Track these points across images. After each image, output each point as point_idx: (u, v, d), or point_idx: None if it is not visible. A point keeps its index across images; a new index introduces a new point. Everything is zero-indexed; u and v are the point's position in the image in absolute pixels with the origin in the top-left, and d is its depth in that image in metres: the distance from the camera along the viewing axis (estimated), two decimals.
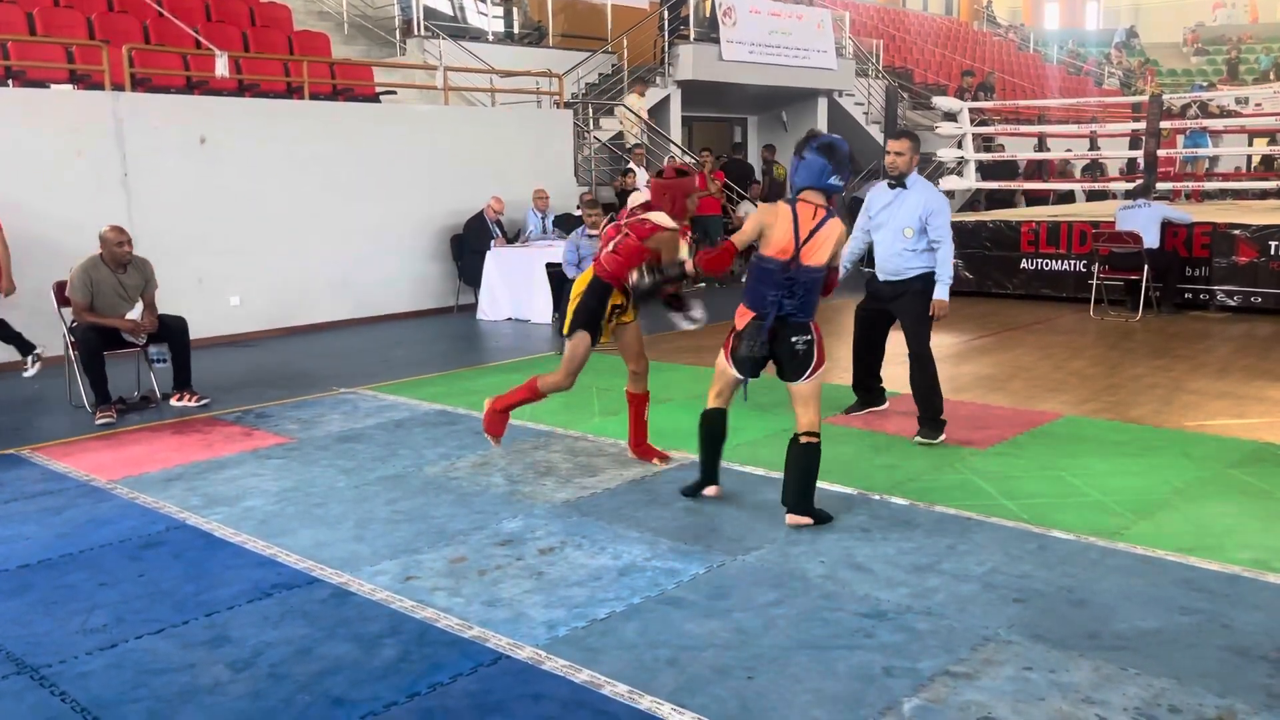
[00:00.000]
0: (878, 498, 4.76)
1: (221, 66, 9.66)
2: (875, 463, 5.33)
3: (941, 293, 5.67)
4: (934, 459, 5.38)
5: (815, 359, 4.31)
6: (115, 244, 6.70)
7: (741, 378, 4.43)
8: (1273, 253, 9.74)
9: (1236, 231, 9.95)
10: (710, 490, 4.72)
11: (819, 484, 4.56)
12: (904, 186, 5.67)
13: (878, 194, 5.86)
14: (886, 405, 6.34)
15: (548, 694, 3.06)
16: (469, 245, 10.98)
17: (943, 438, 5.68)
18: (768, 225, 4.28)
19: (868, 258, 6.25)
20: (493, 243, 10.87)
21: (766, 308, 4.29)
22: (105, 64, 8.96)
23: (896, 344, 6.19)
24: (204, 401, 6.89)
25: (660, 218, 4.97)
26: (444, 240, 11.22)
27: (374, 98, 11.64)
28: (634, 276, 4.68)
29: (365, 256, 10.51)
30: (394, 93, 11.90)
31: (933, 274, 5.66)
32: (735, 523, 4.48)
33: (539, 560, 4.10)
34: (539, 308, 10.33)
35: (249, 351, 9.09)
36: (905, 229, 5.62)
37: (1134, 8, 36.74)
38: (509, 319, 10.62)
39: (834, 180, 4.30)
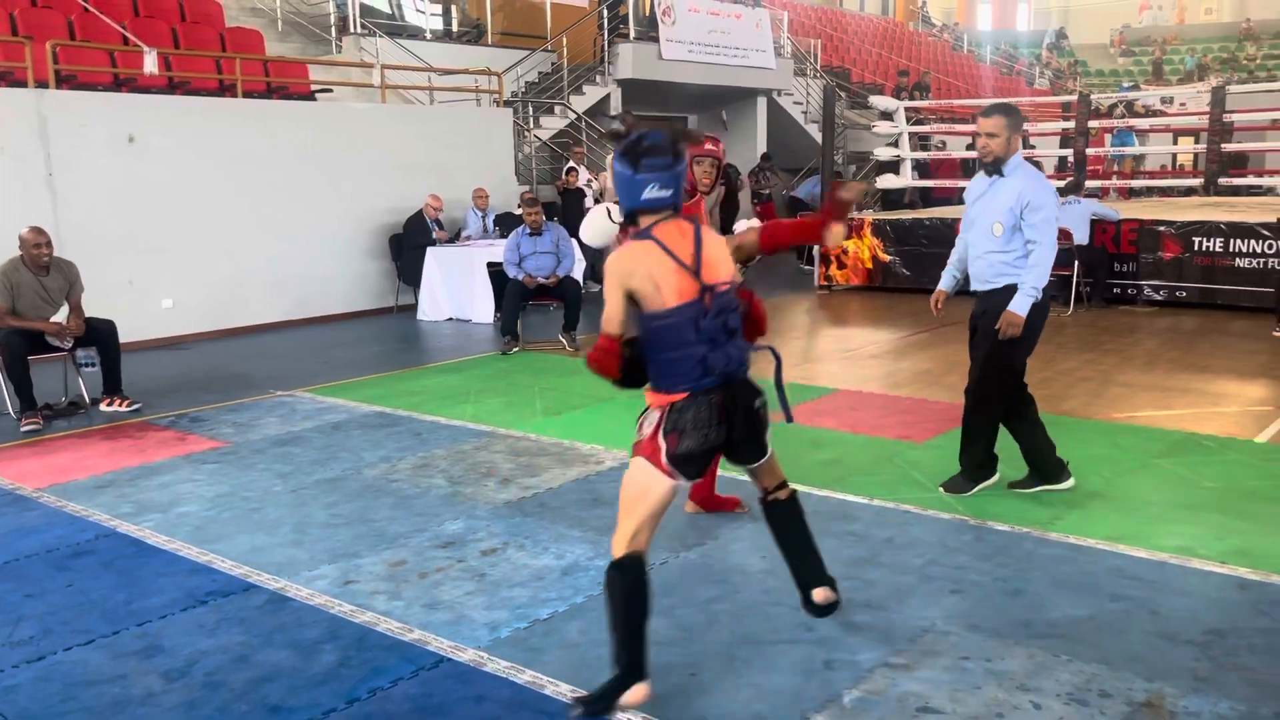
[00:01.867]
0: (818, 493, 4.81)
1: (150, 63, 9.44)
2: (815, 458, 5.38)
3: (1019, 304, 4.45)
4: (873, 454, 5.44)
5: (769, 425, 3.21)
6: (33, 246, 6.50)
7: (685, 482, 3.10)
8: (1197, 248, 10.03)
9: (1162, 228, 10.22)
10: (639, 693, 2.91)
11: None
12: (1001, 174, 4.56)
13: (974, 184, 4.77)
14: (997, 476, 4.86)
15: (490, 695, 3.05)
16: (408, 244, 10.88)
17: (974, 491, 4.71)
18: (638, 277, 2.93)
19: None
20: (434, 235, 10.80)
21: (708, 373, 2.99)
22: (29, 60, 8.71)
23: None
24: (135, 406, 6.73)
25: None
26: (383, 239, 11.10)
27: (309, 96, 11.47)
28: None
29: (302, 256, 10.35)
30: (330, 91, 11.73)
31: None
32: (678, 520, 4.49)
33: (481, 562, 4.07)
34: (480, 307, 10.27)
35: (182, 354, 8.90)
36: (995, 225, 4.54)
37: (1063, 10, 37.54)
38: (450, 319, 10.54)
39: (656, 194, 2.97)
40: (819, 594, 3.34)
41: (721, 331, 2.99)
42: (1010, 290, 4.50)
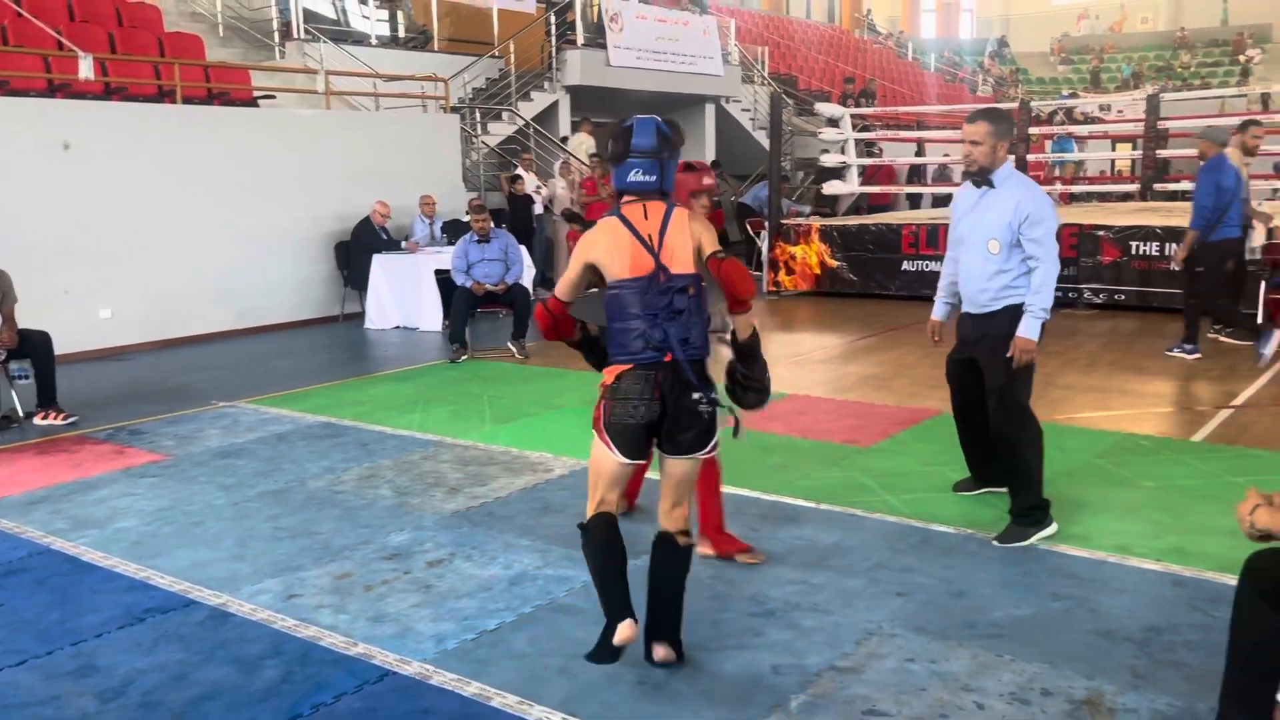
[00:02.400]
0: (767, 497, 4.83)
1: (85, 69, 9.23)
2: (764, 463, 5.40)
3: (1027, 328, 4.11)
4: (821, 458, 5.48)
5: (716, 429, 3.19)
6: None
7: (630, 462, 3.15)
8: (1134, 252, 10.25)
9: (1101, 232, 10.43)
10: (625, 631, 3.08)
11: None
12: (991, 185, 4.23)
13: (961, 196, 4.45)
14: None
15: (436, 709, 3.01)
16: (355, 251, 10.76)
17: (1034, 539, 4.16)
18: (600, 248, 3.15)
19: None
20: (404, 244, 10.74)
21: (646, 346, 3.07)
22: None
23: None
24: (71, 419, 6.57)
25: None
26: (329, 247, 10.97)
27: (252, 102, 11.30)
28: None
29: (246, 265, 10.19)
30: (273, 97, 11.57)
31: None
32: (626, 528, 4.46)
33: (427, 573, 4.03)
34: (428, 315, 10.19)
35: (122, 366, 8.71)
36: (990, 241, 4.19)
37: (1005, 19, 38.22)
38: (397, 327, 10.44)
39: (640, 178, 3.13)
40: (659, 650, 3.20)
41: (665, 309, 3.07)
42: (1011, 312, 4.15)
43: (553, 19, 15.21)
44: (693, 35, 17.06)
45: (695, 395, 3.10)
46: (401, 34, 15.19)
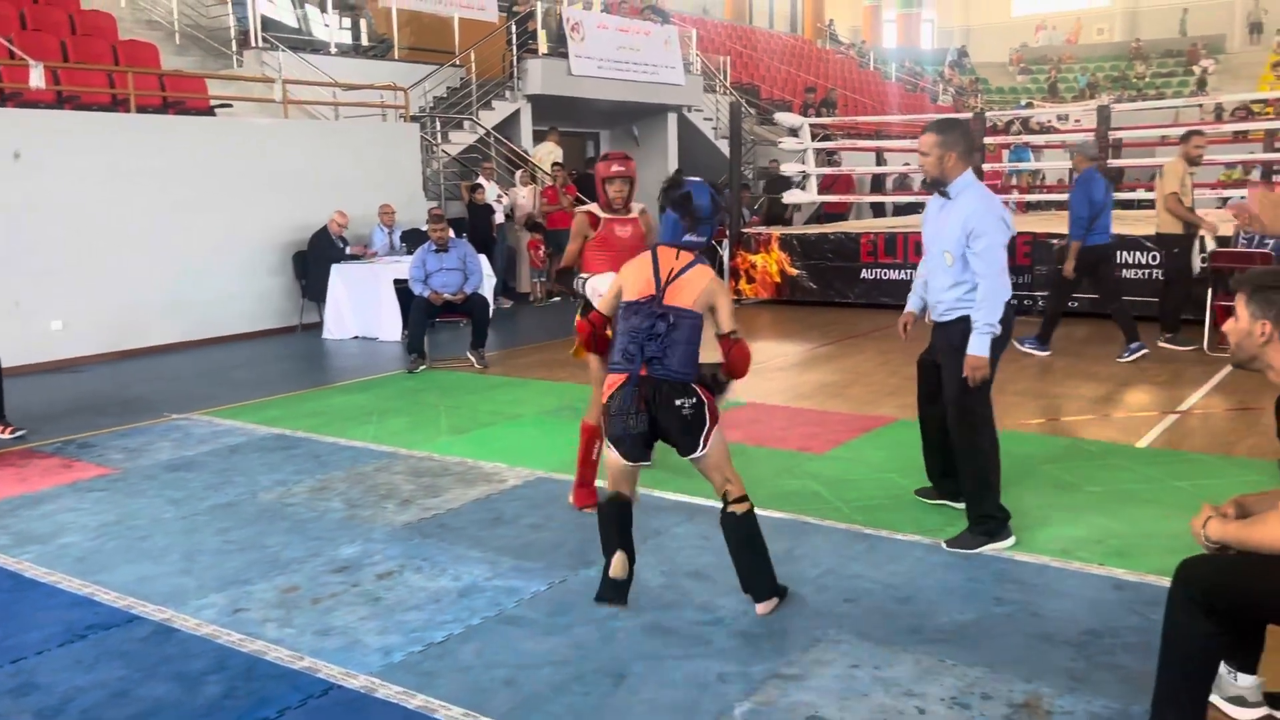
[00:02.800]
0: (719, 505, 4.84)
1: (36, 77, 9.12)
2: None
3: (976, 345, 4.11)
4: (775, 466, 5.51)
5: (708, 420, 3.57)
6: None
7: (634, 464, 3.62)
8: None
9: (1054, 241, 10.57)
10: (616, 562, 3.65)
11: (660, 494, 4.61)
12: (947, 196, 4.26)
13: (930, 205, 4.50)
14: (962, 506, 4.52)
15: None
16: (313, 261, 10.69)
17: (984, 549, 4.21)
18: (626, 273, 3.73)
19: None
20: (350, 249, 10.71)
21: (623, 358, 3.57)
22: None
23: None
24: (19, 433, 6.47)
25: None
26: (287, 257, 10.89)
27: (208, 111, 11.20)
28: None
29: (202, 275, 10.09)
30: (230, 106, 11.48)
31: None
32: (579, 538, 4.49)
33: (376, 585, 4.01)
34: (387, 325, 10.14)
35: (74, 378, 8.59)
36: (945, 253, 4.22)
37: (965, 29, 38.71)
38: (356, 337, 10.38)
39: (690, 238, 3.69)
40: (760, 608, 3.65)
41: (645, 332, 3.57)
42: (963, 324, 4.17)
43: (514, 28, 15.21)
44: (654, 45, 17.12)
45: (677, 402, 3.52)
46: (365, 42, 15.14)
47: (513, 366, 8.67)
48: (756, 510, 4.77)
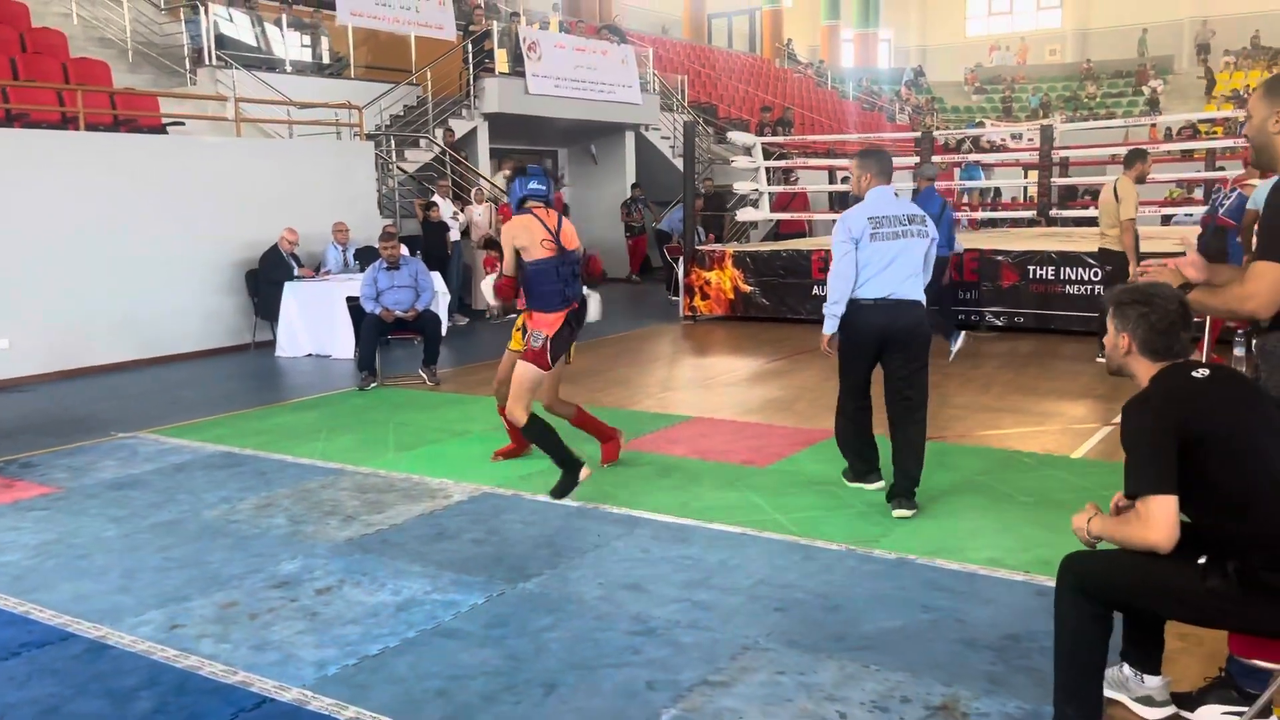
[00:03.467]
0: (662, 519, 4.92)
1: None
2: (661, 484, 5.50)
3: (824, 326, 5.02)
4: (718, 479, 5.59)
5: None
6: None
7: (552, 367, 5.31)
8: (1032, 276, 10.63)
9: (1000, 257, 10.80)
10: (586, 470, 5.22)
11: (605, 508, 4.67)
12: None
13: None
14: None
15: None
16: (265, 279, 10.67)
17: (859, 485, 5.26)
18: (521, 237, 5.15)
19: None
20: (298, 271, 10.69)
21: (565, 302, 5.20)
22: None
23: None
24: None
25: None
26: (239, 275, 10.85)
27: (160, 129, 11.17)
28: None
29: (152, 293, 10.03)
30: (183, 124, 11.45)
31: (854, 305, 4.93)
32: (520, 551, 4.54)
33: (314, 600, 4.03)
34: (340, 343, 10.13)
35: (19, 397, 8.51)
36: None
37: (921, 49, 39.32)
38: (309, 355, 10.36)
39: (534, 187, 5.28)
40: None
41: (566, 277, 5.20)
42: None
43: (470, 47, 15.29)
44: (611, 64, 17.28)
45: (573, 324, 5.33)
46: (319, 61, 15.14)
47: (464, 383, 8.70)
48: (695, 521, 4.90)
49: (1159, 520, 2.53)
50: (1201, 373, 2.68)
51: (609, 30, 20.87)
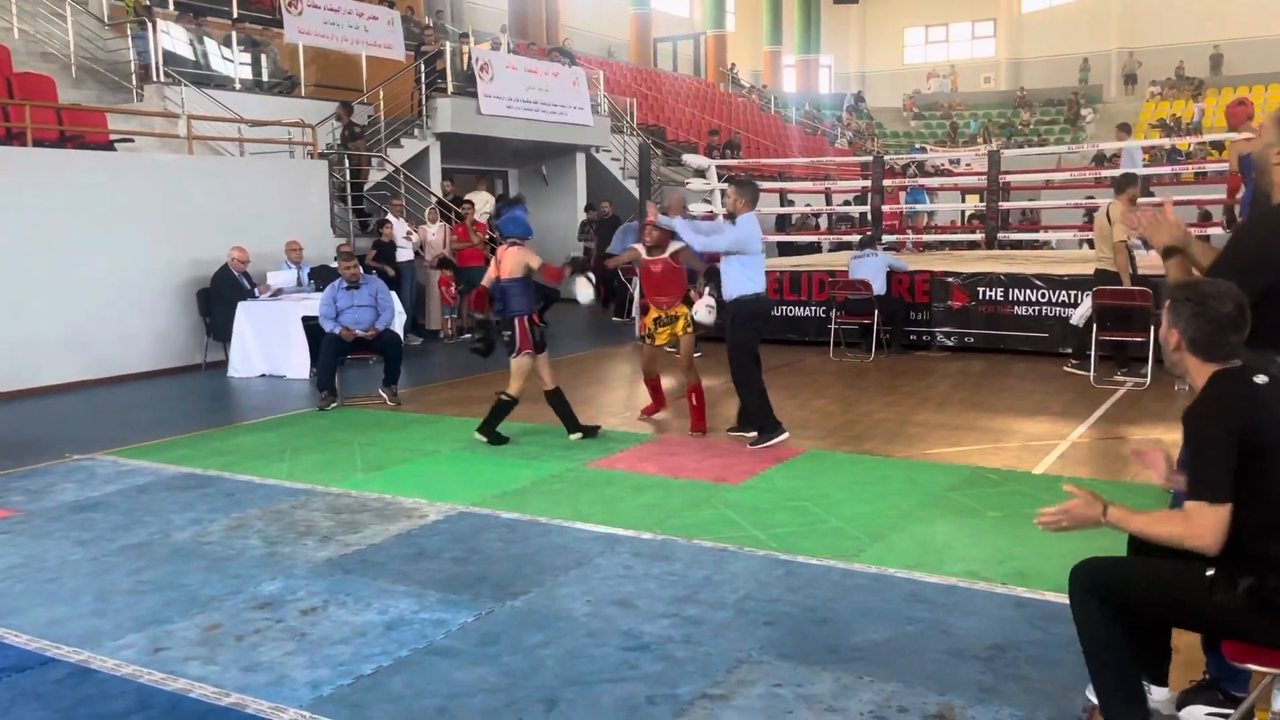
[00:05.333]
0: (643, 535, 4.95)
1: None
2: (636, 502, 5.53)
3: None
4: (691, 496, 5.64)
5: (517, 344, 6.92)
6: None
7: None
8: (981, 297, 10.89)
9: (950, 279, 11.05)
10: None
11: (583, 525, 4.68)
12: (734, 223, 6.95)
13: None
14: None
15: None
16: (217, 298, 10.51)
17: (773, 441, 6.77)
18: (498, 267, 7.01)
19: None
20: (257, 291, 10.56)
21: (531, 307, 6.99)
22: None
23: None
24: None
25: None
26: (190, 294, 10.67)
27: (109, 145, 10.96)
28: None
29: (100, 313, 9.82)
30: (131, 141, 11.24)
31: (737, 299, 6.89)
32: (503, 570, 4.54)
33: (301, 621, 3.99)
34: (295, 363, 10.01)
35: None
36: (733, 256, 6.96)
37: (861, 74, 40.12)
38: (263, 375, 10.21)
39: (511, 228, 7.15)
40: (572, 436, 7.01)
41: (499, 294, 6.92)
42: (733, 303, 6.94)
43: (422, 67, 15.26)
44: (562, 85, 17.36)
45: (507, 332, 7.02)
46: (266, 79, 14.99)
47: (425, 403, 8.65)
48: (675, 537, 4.96)
49: (1210, 526, 2.51)
50: (1262, 379, 2.63)
51: (559, 52, 20.97)
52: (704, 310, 7.29)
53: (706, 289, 7.43)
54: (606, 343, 12.68)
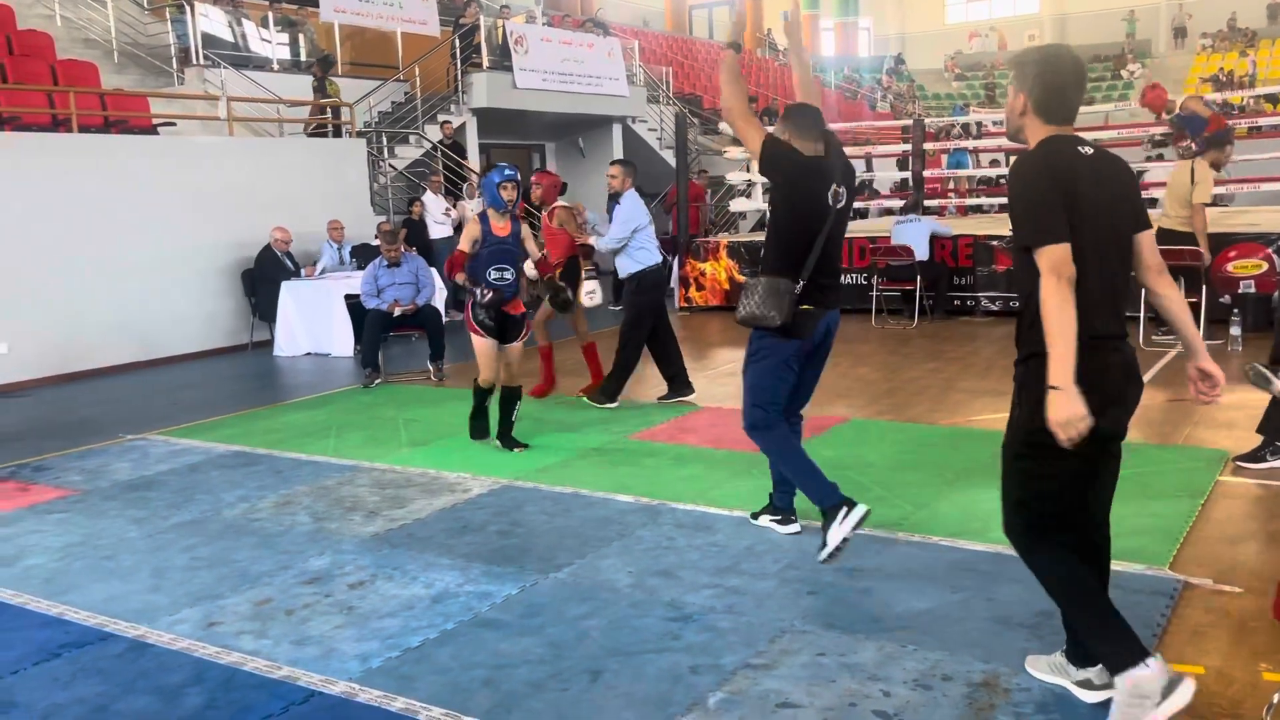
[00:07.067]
0: (683, 507, 4.97)
1: None
2: (678, 474, 5.54)
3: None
4: (734, 467, 5.64)
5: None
6: None
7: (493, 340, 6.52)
8: None
9: (994, 242, 10.89)
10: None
11: (623, 497, 4.70)
12: (618, 202, 7.16)
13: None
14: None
15: None
16: (261, 279, 10.65)
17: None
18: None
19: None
20: (304, 271, 10.70)
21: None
22: None
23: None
24: None
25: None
26: (235, 275, 10.82)
27: (151, 130, 11.11)
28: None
29: (149, 295, 9.99)
30: (174, 124, 11.38)
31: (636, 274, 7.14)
32: (547, 542, 4.58)
33: (349, 595, 4.06)
34: (339, 341, 10.13)
35: (22, 402, 8.47)
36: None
37: (901, 37, 39.46)
38: (308, 354, 10.35)
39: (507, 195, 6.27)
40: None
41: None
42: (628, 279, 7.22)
43: (457, 42, 15.26)
44: (597, 57, 17.27)
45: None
46: (304, 59, 15.08)
47: (468, 379, 8.64)
48: (717, 509, 4.96)
49: (1065, 258, 2.60)
50: (1087, 150, 2.72)
51: (593, 23, 20.84)
52: (587, 298, 7.33)
53: (587, 270, 7.59)
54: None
